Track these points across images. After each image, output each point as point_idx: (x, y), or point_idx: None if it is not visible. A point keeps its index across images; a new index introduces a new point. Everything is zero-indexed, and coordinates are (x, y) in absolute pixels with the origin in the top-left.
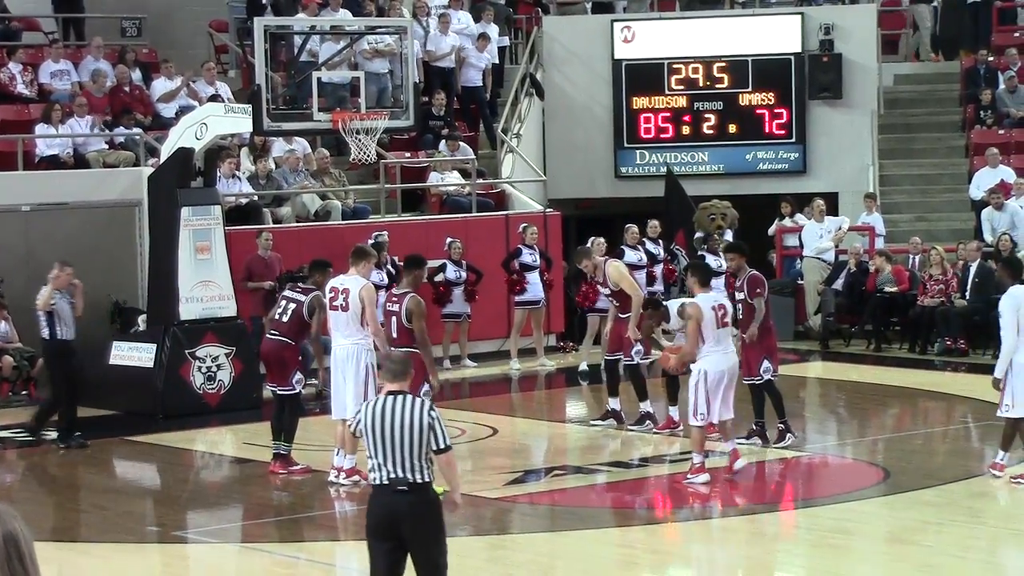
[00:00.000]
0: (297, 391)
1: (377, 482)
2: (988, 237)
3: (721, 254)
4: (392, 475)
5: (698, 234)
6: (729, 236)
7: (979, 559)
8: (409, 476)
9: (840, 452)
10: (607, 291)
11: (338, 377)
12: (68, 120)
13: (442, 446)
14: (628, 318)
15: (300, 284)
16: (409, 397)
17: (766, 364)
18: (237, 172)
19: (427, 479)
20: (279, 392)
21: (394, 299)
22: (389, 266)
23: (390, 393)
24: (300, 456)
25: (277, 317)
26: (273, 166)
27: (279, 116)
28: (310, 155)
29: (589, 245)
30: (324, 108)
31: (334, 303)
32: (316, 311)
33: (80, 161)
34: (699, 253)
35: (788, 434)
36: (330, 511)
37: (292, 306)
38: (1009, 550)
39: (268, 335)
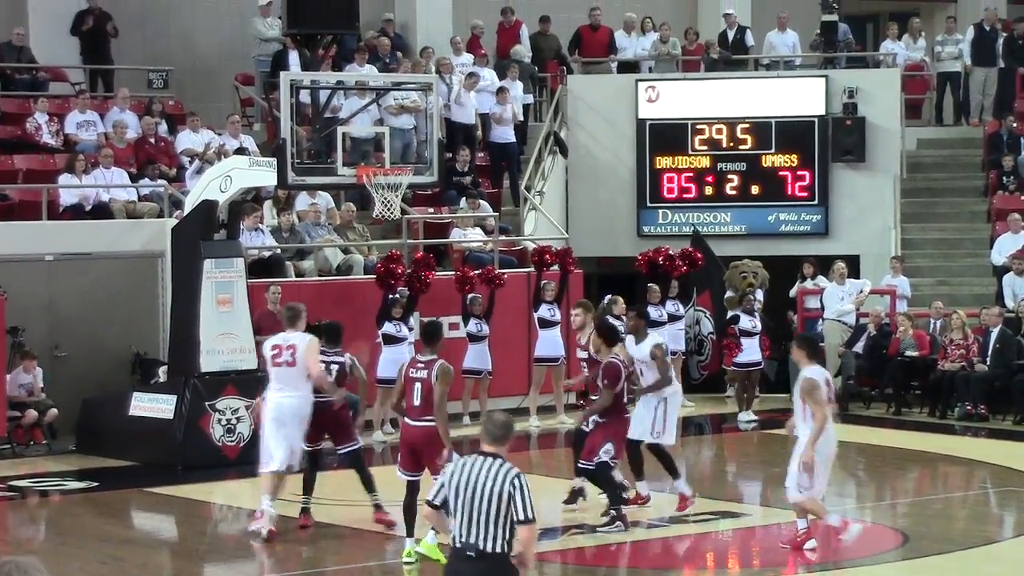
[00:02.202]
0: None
1: (453, 544)
2: (1009, 303)
3: (756, 314)
4: (464, 539)
5: (729, 293)
6: (760, 296)
7: None
8: (480, 543)
9: (859, 515)
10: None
11: (272, 428)
12: (93, 171)
13: (522, 517)
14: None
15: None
16: (499, 461)
17: (608, 446)
18: (260, 225)
19: (501, 549)
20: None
21: (420, 365)
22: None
23: (482, 453)
24: (316, 510)
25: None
26: (296, 219)
27: (303, 170)
28: (333, 209)
29: (605, 303)
30: (348, 163)
31: (278, 359)
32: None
33: (104, 212)
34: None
35: (618, 522)
36: (347, 566)
37: (335, 367)
38: None
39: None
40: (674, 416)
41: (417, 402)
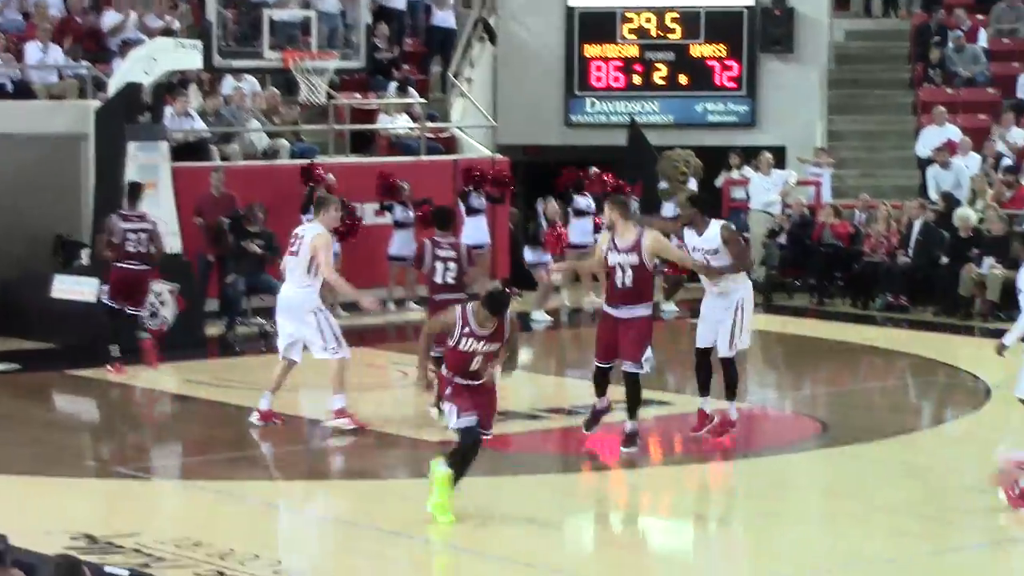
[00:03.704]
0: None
1: None
2: (933, 195)
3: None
4: None
5: (662, 184)
6: (693, 185)
7: (915, 513)
8: None
9: (779, 405)
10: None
11: (281, 319)
12: (16, 50)
13: None
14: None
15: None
16: None
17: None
18: (189, 109)
19: None
20: None
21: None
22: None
23: None
24: (225, 394)
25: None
26: (222, 103)
27: (229, 53)
28: (259, 94)
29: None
30: (274, 46)
31: (291, 249)
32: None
33: (26, 92)
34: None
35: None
36: (269, 450)
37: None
38: (946, 505)
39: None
40: (750, 318)
41: (451, 280)
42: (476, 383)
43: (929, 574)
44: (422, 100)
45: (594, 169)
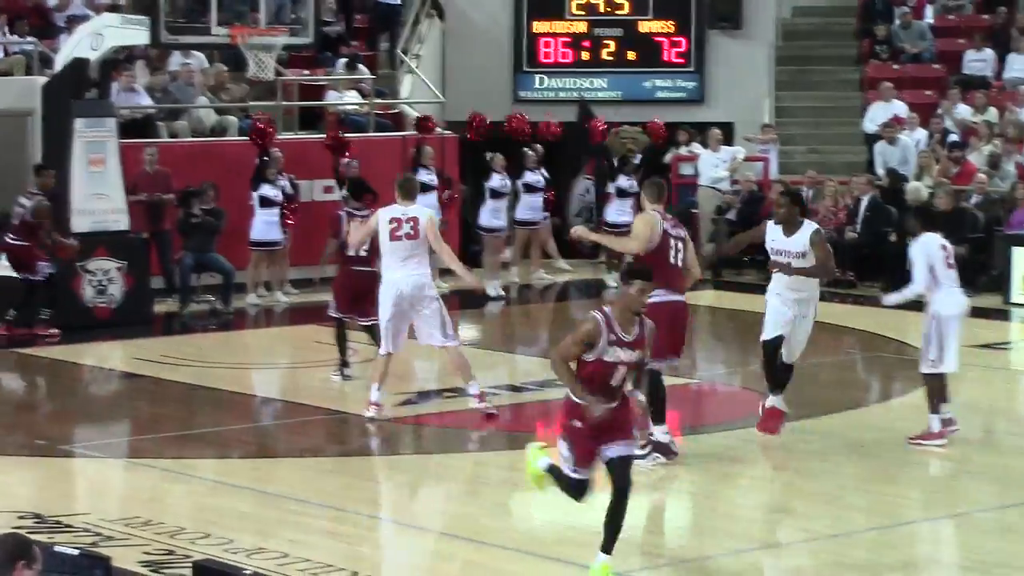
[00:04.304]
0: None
1: None
2: (880, 171)
3: (632, 176)
4: None
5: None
6: (638, 161)
7: (861, 489)
8: None
9: (728, 380)
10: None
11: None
12: None
13: None
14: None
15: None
16: None
17: (332, 301)
18: (135, 85)
19: None
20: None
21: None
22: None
23: None
24: (174, 372)
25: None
26: (169, 80)
27: (177, 29)
28: (207, 70)
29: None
30: (222, 22)
31: (404, 232)
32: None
33: None
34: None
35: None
36: (218, 428)
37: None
38: (892, 480)
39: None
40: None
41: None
42: (612, 404)
43: (875, 549)
44: (371, 76)
45: (538, 146)
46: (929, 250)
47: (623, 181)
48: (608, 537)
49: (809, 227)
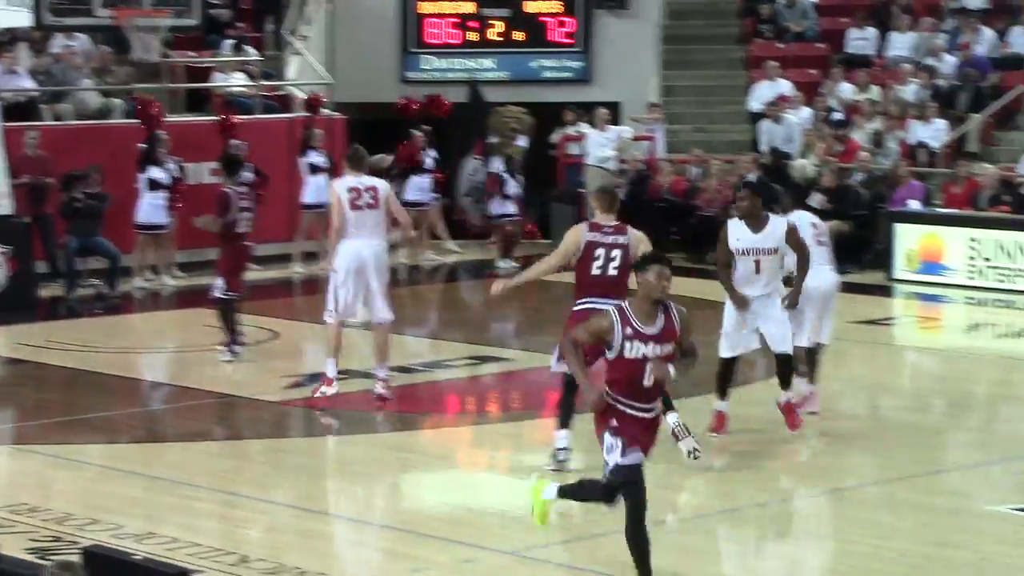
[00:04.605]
0: None
1: None
2: (765, 149)
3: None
4: None
5: (493, 139)
6: (522, 142)
7: (748, 464)
8: None
9: None
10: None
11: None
12: None
13: None
14: None
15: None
16: None
17: (219, 282)
18: (17, 68)
19: None
20: None
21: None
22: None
23: None
24: (60, 357)
25: None
26: (52, 62)
27: (60, 11)
28: (91, 52)
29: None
30: (106, 4)
31: (365, 202)
32: None
33: None
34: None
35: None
36: (106, 413)
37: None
38: (778, 456)
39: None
40: None
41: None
42: (649, 411)
43: (762, 524)
44: (258, 58)
45: (426, 127)
46: (798, 227)
47: (496, 165)
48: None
49: (779, 222)
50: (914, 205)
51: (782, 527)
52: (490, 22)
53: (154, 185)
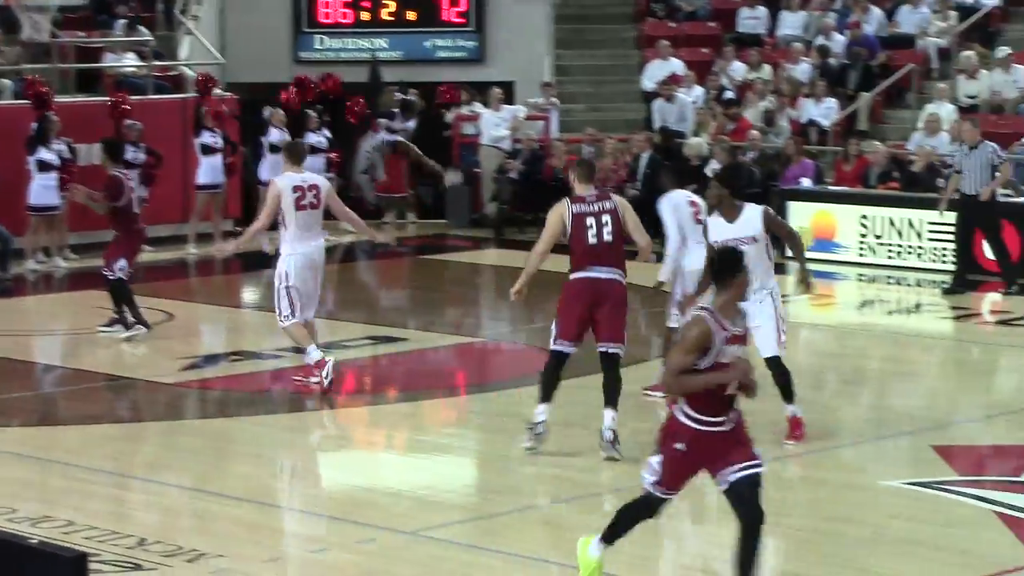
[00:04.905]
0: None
1: None
2: (658, 128)
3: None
4: None
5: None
6: (411, 124)
7: (639, 441)
8: None
9: (513, 338)
10: None
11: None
12: None
13: None
14: None
15: None
16: None
17: (123, 263)
18: None
19: None
20: None
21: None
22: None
23: None
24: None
25: None
26: None
27: None
28: None
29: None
30: None
31: (308, 202)
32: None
33: None
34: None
35: (138, 326)
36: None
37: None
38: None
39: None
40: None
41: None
42: (727, 423)
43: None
44: (149, 38)
45: (319, 106)
46: (676, 205)
47: (311, 137)
48: None
49: (754, 209)
50: (806, 183)
51: (671, 507)
52: (383, 2)
53: (44, 166)
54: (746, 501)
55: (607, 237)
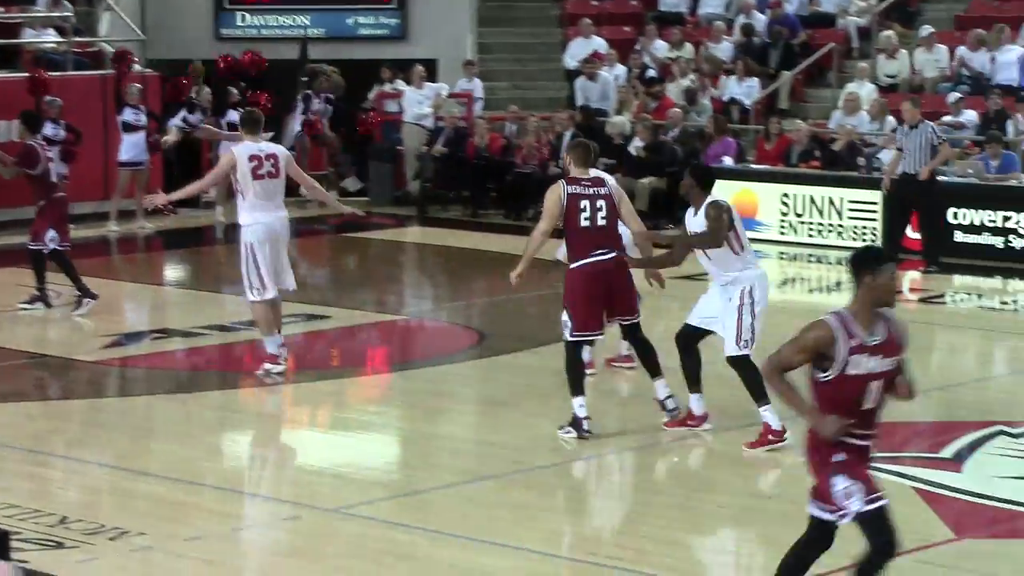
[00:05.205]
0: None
1: None
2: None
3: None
4: None
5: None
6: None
7: (560, 418)
8: None
9: (436, 316)
10: None
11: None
12: None
13: None
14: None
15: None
16: None
17: (52, 233)
18: None
19: None
20: None
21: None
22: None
23: None
24: None
25: None
26: None
27: None
28: None
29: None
30: None
31: (265, 171)
32: None
33: None
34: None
35: (87, 299)
36: None
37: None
38: (600, 411)
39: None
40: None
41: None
42: (870, 439)
43: (591, 477)
44: (69, 14)
45: (242, 83)
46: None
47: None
48: None
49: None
50: (727, 161)
51: (592, 484)
52: None
53: None
54: (881, 524)
55: (600, 221)
